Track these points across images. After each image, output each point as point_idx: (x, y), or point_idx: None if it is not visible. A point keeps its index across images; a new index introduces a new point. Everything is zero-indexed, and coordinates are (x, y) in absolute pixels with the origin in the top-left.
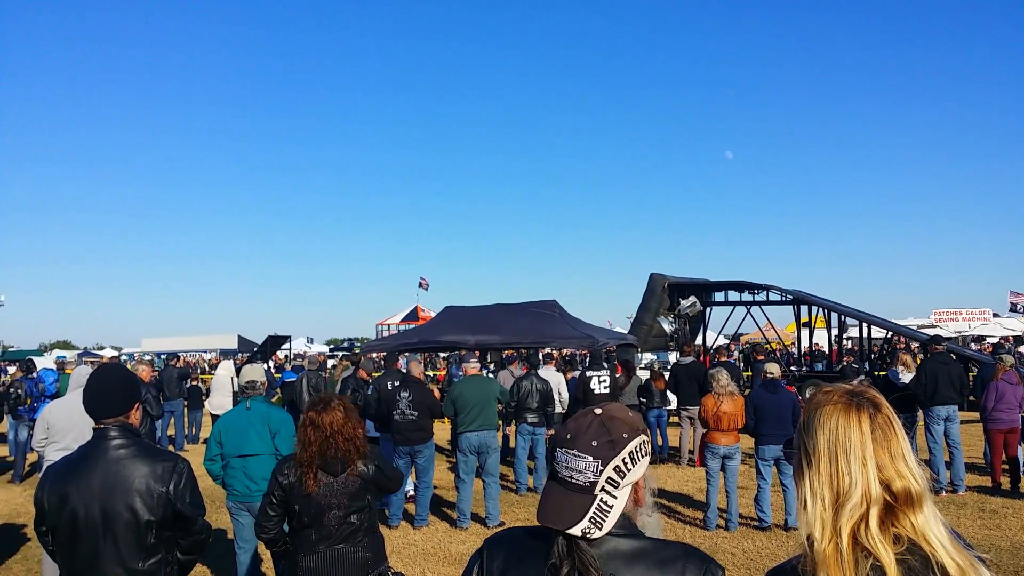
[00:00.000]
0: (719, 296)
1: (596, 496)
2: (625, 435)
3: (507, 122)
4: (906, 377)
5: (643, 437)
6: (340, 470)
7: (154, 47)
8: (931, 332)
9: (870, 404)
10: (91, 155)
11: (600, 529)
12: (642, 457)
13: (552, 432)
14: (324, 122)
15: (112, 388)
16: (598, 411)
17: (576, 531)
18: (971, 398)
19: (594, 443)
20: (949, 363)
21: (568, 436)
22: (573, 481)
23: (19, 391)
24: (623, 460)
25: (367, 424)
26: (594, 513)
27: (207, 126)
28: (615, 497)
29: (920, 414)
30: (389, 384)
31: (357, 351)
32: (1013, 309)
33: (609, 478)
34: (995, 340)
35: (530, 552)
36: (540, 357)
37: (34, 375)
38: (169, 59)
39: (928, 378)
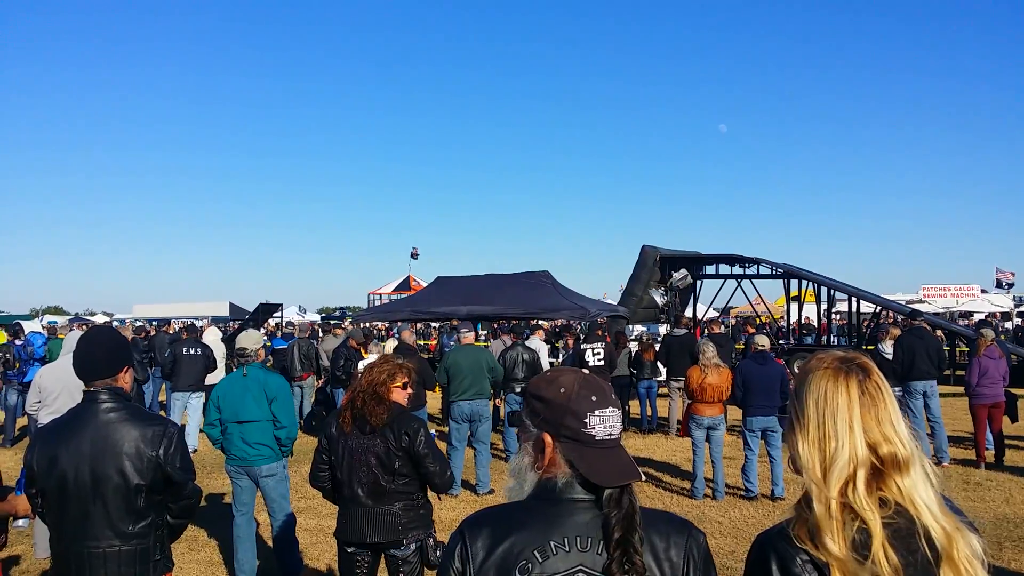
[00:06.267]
0: (710, 269)
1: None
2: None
3: (502, 92)
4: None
5: None
6: (368, 429)
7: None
8: (919, 308)
9: (860, 370)
10: (84, 122)
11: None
12: None
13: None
14: (317, 91)
15: (101, 350)
16: (585, 371)
17: (642, 476)
18: (959, 373)
19: (613, 396)
20: (926, 337)
21: (595, 399)
22: (612, 437)
23: (7, 355)
24: None
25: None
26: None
27: (199, 93)
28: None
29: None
30: (185, 350)
31: (349, 320)
32: (999, 285)
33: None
34: (982, 316)
35: (514, 525)
36: (528, 328)
37: (22, 339)
38: (153, 23)
39: (905, 353)
